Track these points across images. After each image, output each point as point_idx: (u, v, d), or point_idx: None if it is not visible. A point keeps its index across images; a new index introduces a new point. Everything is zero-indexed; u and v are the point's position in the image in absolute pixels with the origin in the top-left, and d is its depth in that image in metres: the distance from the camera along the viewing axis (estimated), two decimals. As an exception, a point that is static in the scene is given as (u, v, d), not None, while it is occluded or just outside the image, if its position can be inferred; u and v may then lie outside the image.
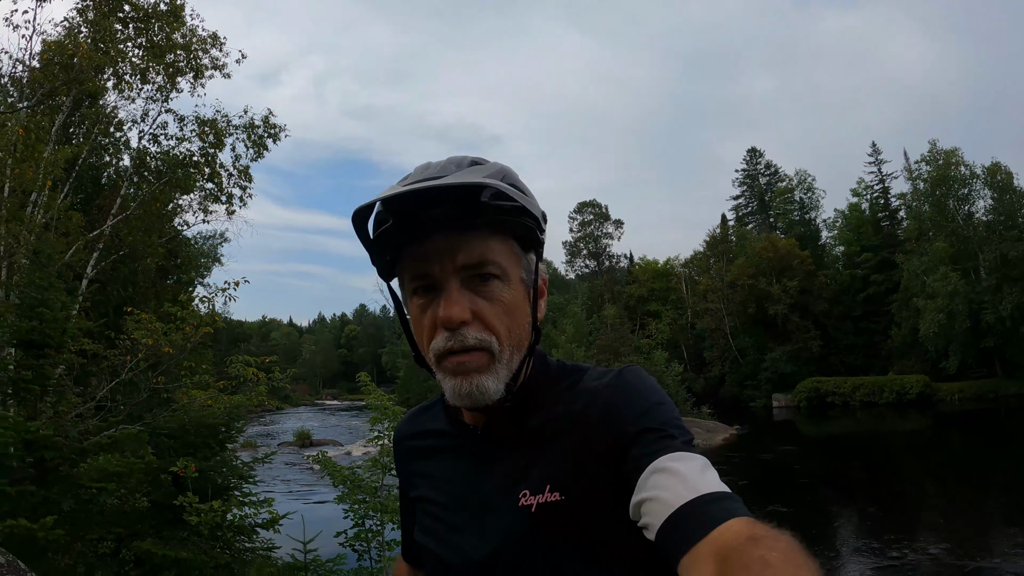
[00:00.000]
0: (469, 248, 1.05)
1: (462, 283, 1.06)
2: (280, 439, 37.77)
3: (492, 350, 1.06)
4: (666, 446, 0.96)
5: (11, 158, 9.47)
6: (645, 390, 1.08)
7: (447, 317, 1.03)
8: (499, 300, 1.07)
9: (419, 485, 1.29)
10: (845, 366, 51.48)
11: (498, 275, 1.07)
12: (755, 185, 68.04)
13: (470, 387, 1.05)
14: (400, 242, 1.08)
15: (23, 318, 8.07)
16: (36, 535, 5.78)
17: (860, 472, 22.11)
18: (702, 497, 0.87)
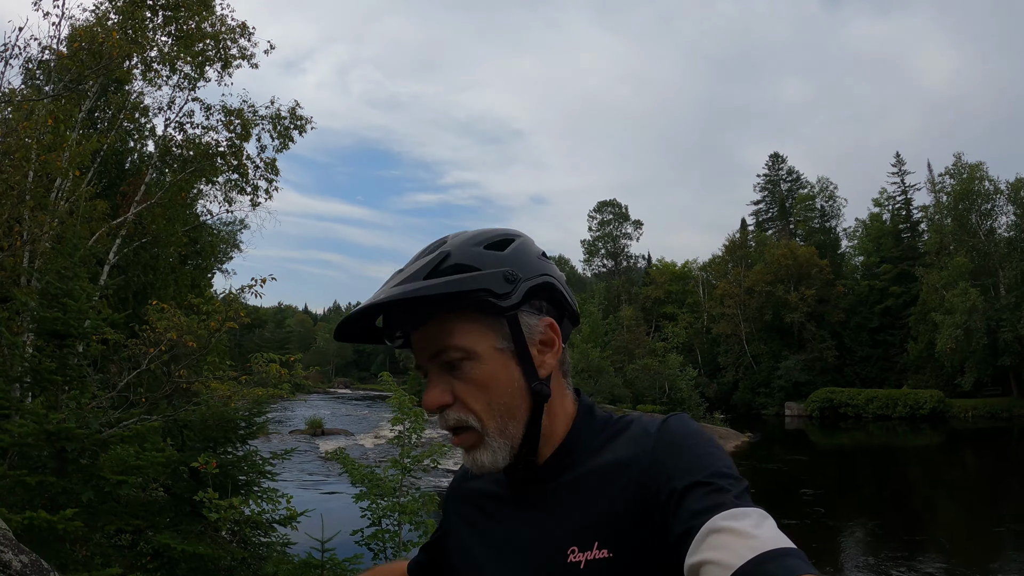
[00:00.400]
0: (429, 338, 1.10)
1: (440, 368, 1.10)
2: (292, 426, 37.91)
3: (475, 428, 1.09)
4: (719, 503, 0.91)
5: (37, 144, 9.47)
6: (692, 440, 1.04)
7: (425, 403, 1.10)
8: (471, 379, 1.09)
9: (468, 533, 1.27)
10: (859, 378, 51.29)
11: (463, 356, 1.08)
12: (776, 191, 67.68)
13: (472, 462, 1.10)
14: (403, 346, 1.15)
15: (46, 307, 8.05)
16: (55, 526, 5.75)
17: (870, 486, 22.01)
18: (761, 555, 0.81)
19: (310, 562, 7.73)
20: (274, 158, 16.65)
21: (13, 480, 6.42)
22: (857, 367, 52.34)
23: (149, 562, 7.33)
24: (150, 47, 13.66)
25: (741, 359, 55.47)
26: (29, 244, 10.34)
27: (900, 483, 22.88)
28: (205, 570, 7.42)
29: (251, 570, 7.92)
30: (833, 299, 53.10)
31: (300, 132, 17.09)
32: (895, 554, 13.51)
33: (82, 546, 6.62)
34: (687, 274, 68.61)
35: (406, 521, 8.16)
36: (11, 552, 3.91)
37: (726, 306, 56.66)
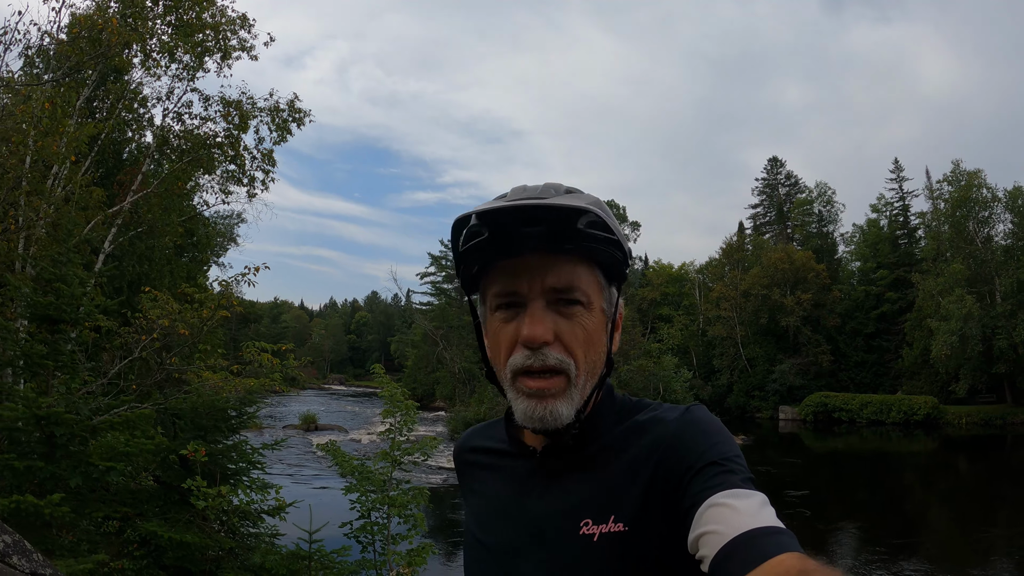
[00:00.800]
0: (559, 271, 1.06)
1: (547, 304, 1.07)
2: (286, 421, 37.95)
3: (570, 374, 1.07)
4: (726, 481, 0.96)
5: (34, 130, 9.46)
6: (710, 427, 1.08)
7: (531, 335, 1.05)
8: (581, 325, 1.08)
9: (475, 503, 1.29)
10: (854, 383, 51.34)
11: (583, 301, 1.08)
12: (775, 195, 67.56)
13: (544, 411, 1.06)
14: (490, 256, 1.09)
15: (39, 293, 8.05)
16: (42, 511, 5.75)
17: (862, 491, 22.04)
18: (757, 530, 0.86)
19: (298, 553, 7.72)
20: (271, 149, 16.65)
21: (1, 464, 6.42)
22: (852, 372, 52.38)
23: (136, 550, 7.32)
24: (150, 36, 13.63)
25: (736, 362, 55.45)
26: (24, 230, 10.33)
27: (892, 488, 22.93)
28: (192, 559, 7.42)
29: (238, 560, 7.91)
30: (829, 304, 53.11)
31: (299, 125, 17.09)
32: (884, 557, 13.55)
33: (69, 532, 6.61)
34: (684, 276, 68.55)
35: (395, 514, 8.15)
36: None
37: (722, 309, 56.59)
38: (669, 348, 52.97)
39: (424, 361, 64.02)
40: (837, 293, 54.21)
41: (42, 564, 4.04)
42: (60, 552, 6.06)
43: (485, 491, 1.26)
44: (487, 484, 1.27)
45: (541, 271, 1.06)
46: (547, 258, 1.06)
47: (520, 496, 1.18)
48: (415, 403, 9.03)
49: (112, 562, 6.71)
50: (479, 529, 1.23)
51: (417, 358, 66.51)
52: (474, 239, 1.08)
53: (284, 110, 16.77)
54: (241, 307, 11.46)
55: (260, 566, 7.54)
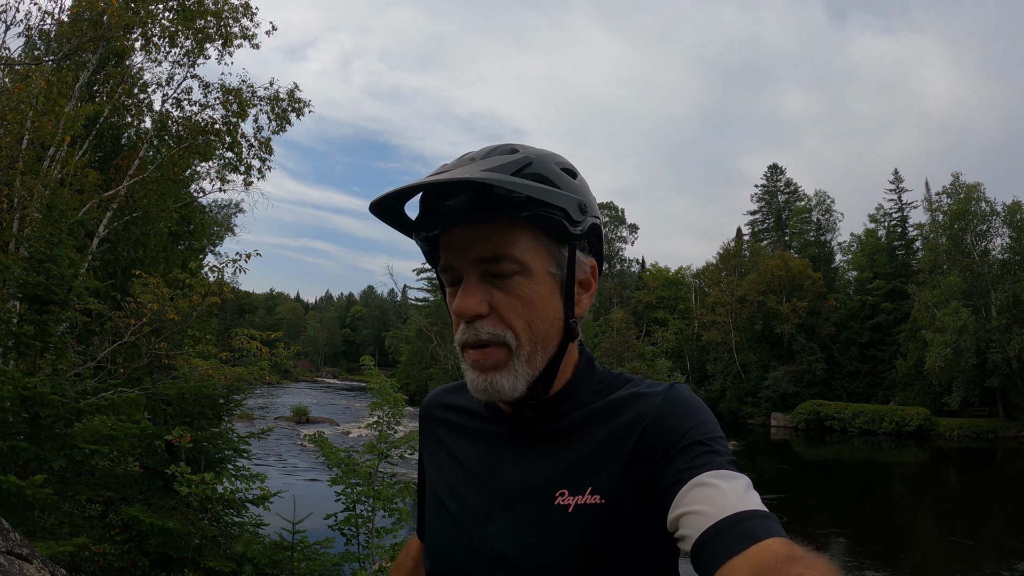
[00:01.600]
0: (485, 241, 1.04)
1: (481, 276, 1.05)
2: (277, 413, 37.93)
3: (508, 345, 1.05)
4: (711, 461, 0.95)
5: (32, 110, 9.43)
6: (695, 406, 1.06)
7: (460, 309, 1.04)
8: (517, 295, 1.05)
9: (442, 463, 1.26)
10: (847, 392, 51.41)
11: (517, 270, 1.05)
12: (773, 202, 67.68)
13: (486, 383, 1.05)
14: (429, 235, 1.09)
15: (30, 272, 8.01)
16: (24, 492, 5.71)
17: (851, 500, 22.06)
18: (742, 513, 0.85)
19: (281, 543, 7.72)
20: (269, 138, 16.60)
21: (-16, 444, 6.38)
22: (845, 381, 52.44)
23: (118, 534, 7.32)
24: (152, 20, 13.58)
25: (730, 367, 55.53)
26: (19, 210, 10.29)
27: (881, 498, 22.94)
28: (174, 545, 7.41)
29: (221, 548, 7.90)
30: (824, 312, 53.21)
31: (298, 115, 17.06)
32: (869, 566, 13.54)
33: (51, 514, 6.58)
34: (680, 280, 68.73)
35: (380, 507, 8.14)
36: (-30, 510, 3.85)
37: (717, 314, 56.69)
38: (663, 351, 53.25)
39: (418, 357, 64.06)
40: (833, 302, 54.31)
41: (19, 544, 3.99)
42: (41, 534, 6.04)
43: (457, 452, 1.23)
44: (459, 445, 1.24)
45: (468, 243, 1.04)
46: (474, 229, 1.04)
47: (494, 461, 1.16)
48: (404, 396, 9.01)
49: (93, 545, 6.69)
50: (446, 491, 1.21)
51: (411, 354, 66.54)
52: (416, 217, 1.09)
53: (284, 100, 16.74)
54: (232, 294, 11.45)
55: (242, 555, 7.53)
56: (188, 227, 21.28)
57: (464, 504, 1.16)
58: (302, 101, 17.01)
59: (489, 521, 1.10)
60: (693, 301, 63.98)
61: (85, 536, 6.41)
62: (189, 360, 10.46)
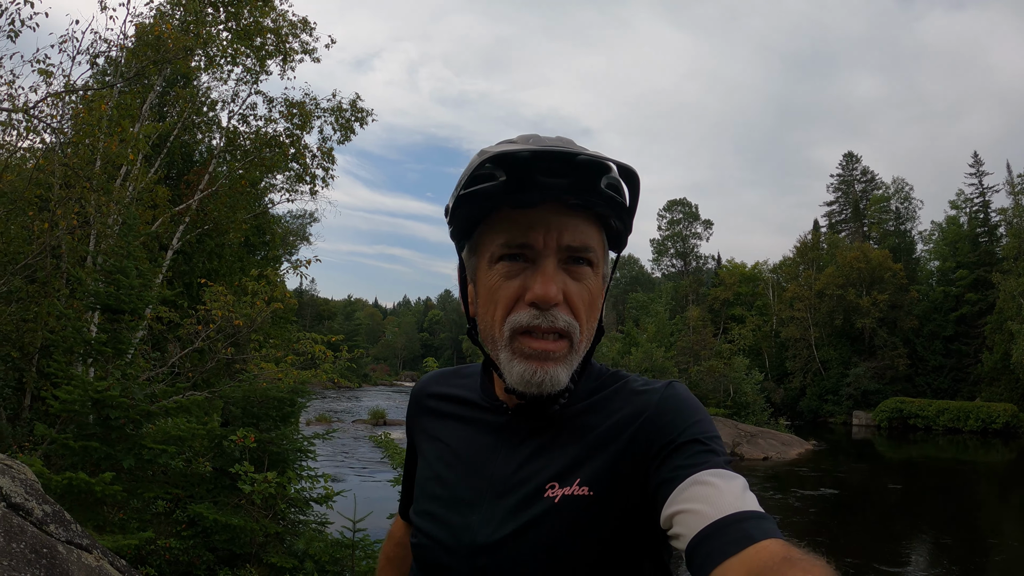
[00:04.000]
0: (575, 228, 1.03)
1: (559, 262, 1.03)
2: (355, 416, 38.61)
3: (573, 338, 1.04)
4: (708, 460, 0.95)
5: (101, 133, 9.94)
6: (693, 404, 1.07)
7: (545, 295, 1.00)
8: (587, 288, 1.06)
9: (432, 449, 1.26)
10: (931, 388, 49.50)
11: (592, 263, 1.06)
12: (850, 191, 65.77)
13: (544, 375, 1.03)
14: (498, 203, 1.03)
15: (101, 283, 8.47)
16: (94, 488, 6.06)
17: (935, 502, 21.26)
18: (739, 514, 0.85)
19: (342, 541, 7.93)
20: (331, 147, 17.08)
21: (60, 444, 6.80)
22: (929, 377, 50.49)
23: (184, 529, 7.64)
24: (211, 42, 14.16)
25: (809, 364, 54.15)
26: (94, 227, 10.85)
27: (966, 499, 22.03)
28: (238, 542, 7.69)
29: (284, 545, 8.17)
30: (906, 305, 51.43)
31: (361, 124, 17.51)
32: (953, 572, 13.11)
33: (119, 510, 6.93)
34: (757, 276, 67.34)
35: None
36: (35, 501, 4.12)
37: (796, 309, 55.38)
38: (741, 349, 52.14)
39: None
40: (915, 294, 52.42)
41: (79, 535, 4.23)
42: (110, 528, 6.38)
43: (449, 441, 1.23)
44: (451, 434, 1.23)
45: (558, 226, 1.02)
46: (564, 213, 1.02)
47: (486, 451, 1.16)
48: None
49: (160, 540, 7.03)
50: (435, 479, 1.21)
51: (487, 355, 66.82)
52: (483, 182, 1.02)
53: (347, 110, 17.22)
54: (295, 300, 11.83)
55: (304, 552, 7.78)
56: (264, 238, 21.94)
57: (452, 493, 1.16)
58: (364, 110, 17.46)
59: (476, 510, 1.11)
60: (771, 297, 62.64)
61: (152, 531, 6.74)
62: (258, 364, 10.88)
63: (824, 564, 0.75)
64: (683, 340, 51.93)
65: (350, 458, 22.67)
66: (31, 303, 9.92)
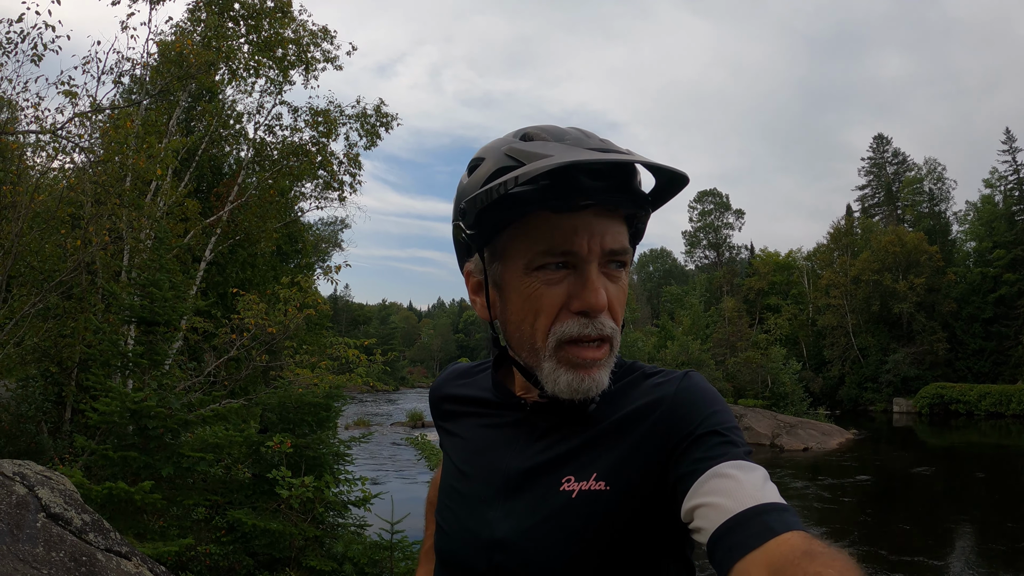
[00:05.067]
0: (615, 232, 1.02)
1: (599, 268, 1.02)
2: (394, 419, 38.85)
3: (615, 342, 1.04)
4: (728, 452, 0.93)
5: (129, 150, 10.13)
6: (711, 395, 1.05)
7: (597, 304, 0.99)
8: (622, 290, 1.05)
9: (452, 447, 1.26)
10: (972, 372, 48.65)
11: (625, 264, 1.05)
12: (882, 174, 64.96)
13: (592, 383, 1.02)
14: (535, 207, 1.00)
15: (135, 297, 8.64)
16: (133, 497, 6.19)
17: (980, 491, 20.83)
18: (761, 506, 0.84)
19: (380, 543, 7.99)
20: (357, 153, 17.22)
21: (99, 455, 6.95)
22: (969, 361, 49.56)
23: (223, 535, 7.77)
24: (232, 56, 14.36)
25: (847, 352, 53.49)
26: (127, 242, 11.06)
27: (1011, 485, 21.61)
28: (278, 546, 7.79)
29: (323, 548, 8.26)
30: (944, 288, 50.59)
31: (387, 129, 17.59)
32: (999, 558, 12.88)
33: (159, 517, 7.06)
34: (791, 264, 66.59)
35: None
36: (74, 511, 4.22)
37: (832, 297, 54.75)
38: (777, 339, 51.75)
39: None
40: (952, 276, 51.49)
41: (119, 543, 4.32)
42: (150, 536, 6.50)
43: (466, 437, 1.23)
44: (468, 431, 1.23)
45: (601, 231, 1.00)
46: (605, 216, 1.01)
47: (502, 447, 1.15)
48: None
49: (200, 546, 7.15)
50: (455, 475, 1.21)
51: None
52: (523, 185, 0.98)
53: (371, 115, 17.33)
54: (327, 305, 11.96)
55: (343, 555, 7.87)
56: (296, 246, 22.16)
57: (470, 488, 1.16)
58: (389, 115, 17.53)
59: (492, 506, 1.10)
60: (806, 285, 61.94)
61: (192, 537, 6.86)
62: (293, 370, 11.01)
63: (846, 557, 0.74)
64: (719, 332, 51.60)
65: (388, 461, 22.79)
66: (68, 319, 10.13)
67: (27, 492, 3.99)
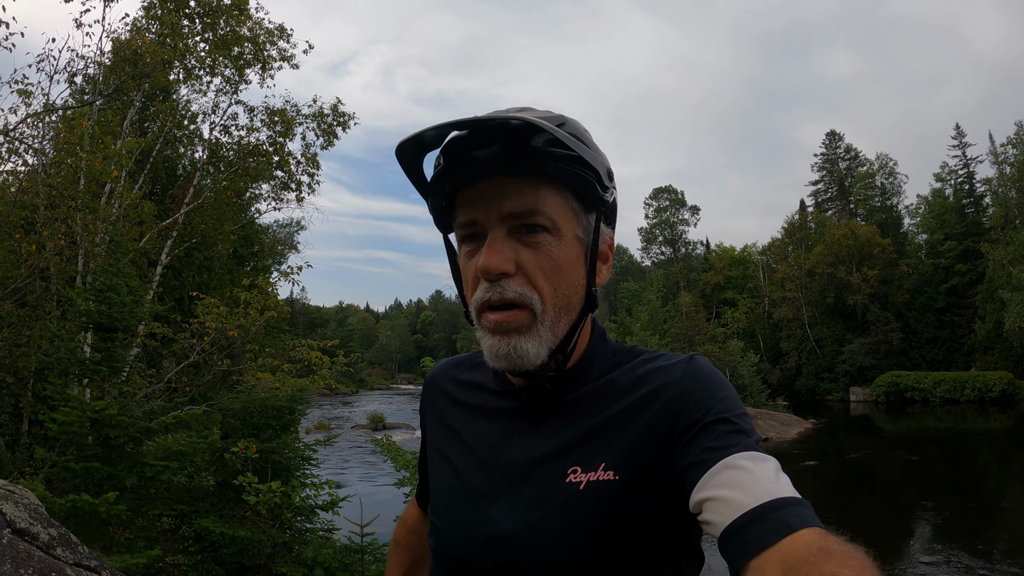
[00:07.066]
0: (518, 195, 0.99)
1: (508, 232, 1.00)
2: (354, 422, 38.58)
3: (533, 308, 0.99)
4: (740, 442, 0.90)
5: (83, 151, 9.87)
6: (718, 379, 1.03)
7: (486, 266, 0.98)
8: (546, 255, 1.00)
9: (445, 437, 1.21)
10: (926, 360, 49.86)
11: (547, 227, 1.00)
12: (835, 170, 66.09)
13: (508, 348, 0.99)
14: (453, 187, 1.03)
15: (92, 302, 8.42)
16: (98, 509, 6.02)
17: (938, 474, 21.31)
18: (775, 501, 0.82)
19: (350, 547, 7.90)
20: (315, 153, 17.00)
21: (61, 466, 6.75)
22: (923, 350, 50.81)
23: (191, 545, 7.61)
24: (188, 53, 14.09)
25: (804, 344, 54.39)
26: (81, 246, 10.78)
27: (970, 470, 22.09)
28: (247, 554, 7.66)
29: (293, 554, 8.14)
30: (897, 279, 51.73)
31: (343, 128, 17.39)
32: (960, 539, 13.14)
33: (125, 529, 6.89)
34: (747, 259, 67.64)
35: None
36: (40, 525, 4.09)
37: (787, 290, 55.67)
38: (735, 332, 52.36)
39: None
40: (904, 268, 52.78)
41: (87, 556, 4.20)
42: (117, 548, 6.34)
43: (461, 430, 1.18)
44: (463, 422, 1.19)
45: (498, 197, 0.99)
46: (505, 182, 0.99)
47: (500, 439, 1.11)
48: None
49: (168, 557, 6.99)
50: (449, 470, 1.16)
51: (484, 349, 66.97)
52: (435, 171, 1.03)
53: (328, 115, 17.12)
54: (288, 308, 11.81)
55: (313, 560, 7.75)
56: (252, 248, 21.86)
57: (467, 483, 1.11)
58: (346, 115, 17.34)
59: (493, 501, 1.06)
60: (762, 279, 62.91)
61: (159, 548, 6.70)
62: (255, 374, 10.83)
63: (862, 556, 0.72)
64: (676, 327, 51.96)
65: (352, 464, 22.60)
66: (23, 327, 9.85)
67: (-11, 507, 3.85)
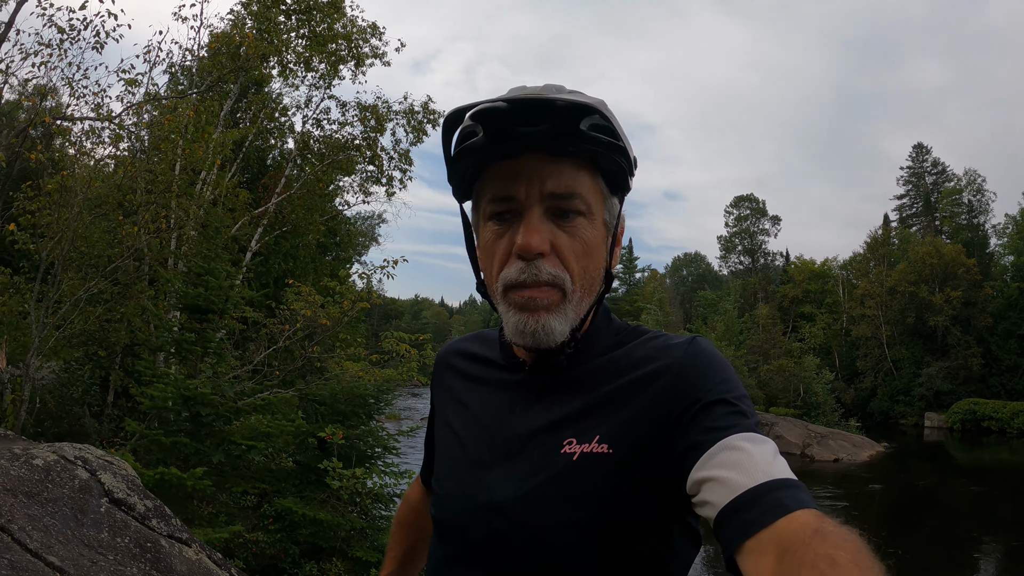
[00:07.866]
0: (559, 175, 1.00)
1: (544, 212, 1.01)
2: (423, 413, 38.86)
3: (564, 288, 1.01)
4: (739, 423, 0.91)
5: (182, 139, 10.20)
6: (719, 361, 1.03)
7: (526, 245, 0.98)
8: (580, 237, 1.02)
9: (456, 411, 1.23)
10: (1006, 389, 47.31)
11: (583, 211, 1.02)
12: (921, 184, 63.82)
13: (536, 325, 1.00)
14: (485, 158, 1.02)
15: (189, 285, 8.71)
16: (185, 483, 6.23)
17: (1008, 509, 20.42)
18: (772, 482, 0.82)
19: (424, 536, 7.99)
20: (407, 149, 17.27)
21: (150, 439, 7.00)
22: (1003, 377, 48.22)
23: (271, 524, 7.82)
24: (285, 49, 14.46)
25: (881, 364, 52.57)
26: (176, 230, 11.16)
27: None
28: (324, 536, 7.84)
29: (368, 540, 8.28)
30: (980, 302, 49.50)
31: (433, 126, 17.59)
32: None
33: (209, 504, 7.11)
34: (826, 273, 65.59)
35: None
36: (136, 496, 4.21)
37: (867, 307, 53.78)
38: (811, 348, 51.11)
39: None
40: (989, 290, 50.37)
41: (179, 529, 4.31)
42: (199, 522, 6.55)
43: (467, 401, 1.20)
44: (469, 394, 1.21)
45: (540, 176, 1.00)
46: (547, 161, 1.00)
47: (502, 410, 1.13)
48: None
49: (248, 534, 7.19)
50: (454, 440, 1.18)
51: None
52: (468, 140, 1.02)
53: (419, 112, 17.35)
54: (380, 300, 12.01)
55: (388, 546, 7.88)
56: (335, 239, 22.27)
57: (469, 453, 1.13)
58: (436, 112, 17.56)
59: (491, 469, 1.08)
60: (841, 294, 61.08)
61: (240, 524, 6.90)
62: (341, 363, 11.04)
63: (856, 537, 0.72)
64: (752, 339, 51.10)
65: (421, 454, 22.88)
66: (117, 304, 10.23)
67: (89, 476, 3.93)
